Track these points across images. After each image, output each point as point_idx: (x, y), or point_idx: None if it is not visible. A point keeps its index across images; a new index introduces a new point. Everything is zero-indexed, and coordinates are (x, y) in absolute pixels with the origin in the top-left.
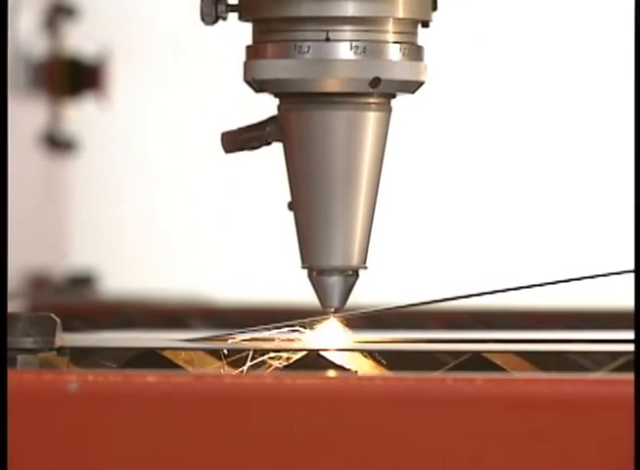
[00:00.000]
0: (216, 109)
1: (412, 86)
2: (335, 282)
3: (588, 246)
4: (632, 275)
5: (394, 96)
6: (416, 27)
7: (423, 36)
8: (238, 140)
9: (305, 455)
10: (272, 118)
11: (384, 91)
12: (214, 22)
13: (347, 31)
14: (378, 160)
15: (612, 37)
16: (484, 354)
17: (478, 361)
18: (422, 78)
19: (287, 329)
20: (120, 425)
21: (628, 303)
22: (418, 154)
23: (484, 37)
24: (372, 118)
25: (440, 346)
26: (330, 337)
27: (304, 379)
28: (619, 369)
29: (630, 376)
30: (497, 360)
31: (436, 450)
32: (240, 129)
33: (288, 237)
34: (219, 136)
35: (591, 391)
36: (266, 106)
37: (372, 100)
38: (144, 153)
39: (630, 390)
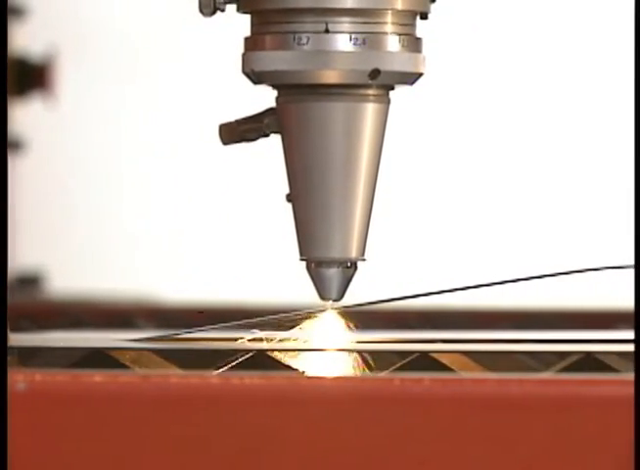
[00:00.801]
0: (162, 107)
1: (411, 78)
2: (333, 274)
3: (552, 244)
4: (581, 276)
5: (393, 88)
6: (415, 19)
7: (421, 28)
8: (236, 132)
9: (252, 455)
10: (270, 110)
11: (383, 83)
12: (212, 13)
13: (347, 23)
14: (376, 151)
15: (610, 31)
16: (432, 354)
17: (425, 361)
18: (421, 70)
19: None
20: (68, 425)
21: (575, 303)
22: (416, 146)
23: (481, 28)
24: (370, 110)
25: (388, 345)
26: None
27: (252, 379)
28: (567, 369)
29: (578, 376)
30: (444, 360)
31: (383, 450)
32: (238, 121)
33: (234, 239)
34: (217, 127)
35: (539, 391)
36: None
37: (371, 91)
38: (91, 152)
39: (578, 390)
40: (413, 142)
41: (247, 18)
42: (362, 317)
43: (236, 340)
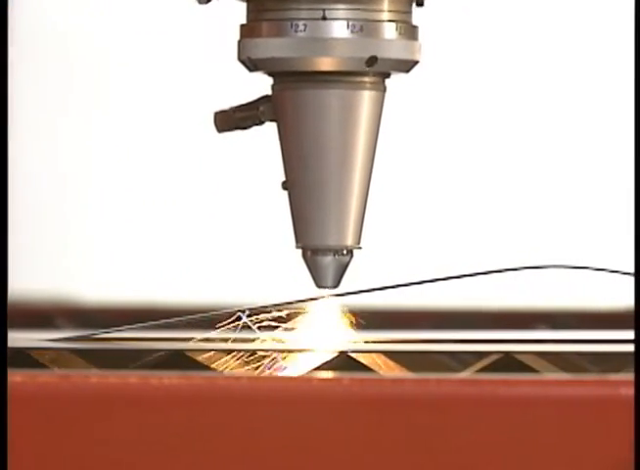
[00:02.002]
0: (65, 107)
1: (407, 65)
2: (329, 262)
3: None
4: (500, 275)
5: (389, 75)
6: (411, 6)
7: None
8: (231, 119)
9: (171, 454)
10: (265, 98)
11: (379, 70)
12: (208, 0)
13: (344, 10)
14: (372, 139)
15: (610, 23)
16: (351, 354)
17: (344, 361)
18: (417, 58)
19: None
20: None
21: (494, 303)
22: (412, 136)
23: (475, 16)
24: (366, 98)
25: (306, 345)
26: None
27: (170, 379)
28: (486, 369)
29: (496, 376)
30: (363, 360)
31: (302, 450)
32: (233, 108)
33: (150, 238)
34: (212, 115)
35: (457, 391)
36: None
37: (367, 79)
38: (14, 149)
39: (496, 390)
40: (409, 132)
41: (242, 5)
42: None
43: (155, 340)
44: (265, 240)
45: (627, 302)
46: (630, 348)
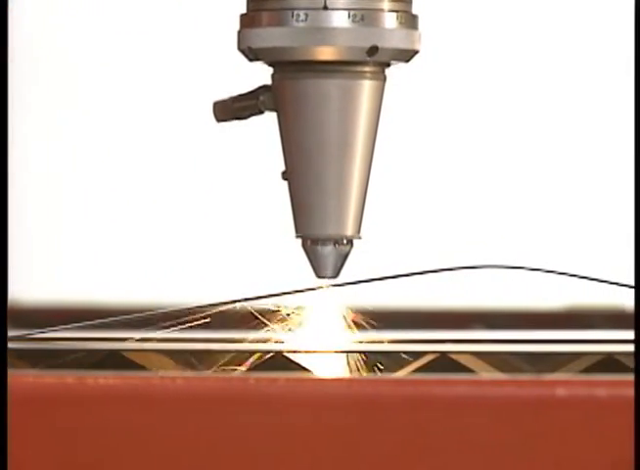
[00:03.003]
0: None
1: (407, 55)
2: (329, 252)
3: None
4: (436, 275)
5: (389, 65)
6: None
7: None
8: (230, 109)
9: (107, 455)
10: (264, 87)
11: (379, 59)
12: None
13: None
14: (372, 129)
15: (611, 18)
16: (287, 354)
17: (280, 361)
18: (417, 47)
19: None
20: None
21: (430, 303)
22: (411, 126)
23: (471, 2)
24: (367, 87)
25: (244, 345)
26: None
27: (106, 379)
28: (421, 369)
29: (432, 376)
30: (300, 360)
31: (239, 450)
32: (232, 98)
33: (94, 237)
34: (211, 105)
35: (392, 391)
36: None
37: (367, 68)
38: None
39: (432, 390)
40: (409, 121)
41: None
42: (216, 317)
43: (93, 340)
44: (265, 230)
45: (563, 301)
46: (566, 348)
